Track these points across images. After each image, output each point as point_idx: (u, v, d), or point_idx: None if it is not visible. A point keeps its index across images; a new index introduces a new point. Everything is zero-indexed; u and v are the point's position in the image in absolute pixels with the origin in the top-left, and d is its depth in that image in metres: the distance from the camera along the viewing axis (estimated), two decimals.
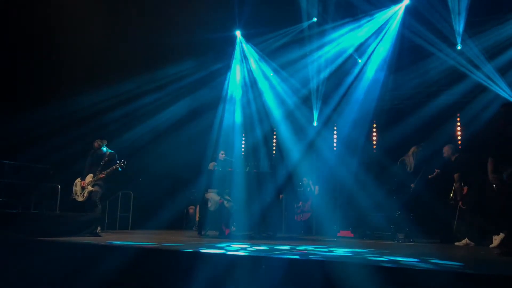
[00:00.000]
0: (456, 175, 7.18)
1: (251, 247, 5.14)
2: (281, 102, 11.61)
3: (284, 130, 11.58)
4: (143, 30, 9.88)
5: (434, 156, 7.77)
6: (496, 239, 6.45)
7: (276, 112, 11.62)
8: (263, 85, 11.95)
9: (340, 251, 4.97)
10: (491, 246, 6.47)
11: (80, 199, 7.64)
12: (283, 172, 8.96)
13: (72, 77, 9.47)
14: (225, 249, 4.72)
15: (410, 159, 7.68)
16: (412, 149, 7.74)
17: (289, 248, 5.20)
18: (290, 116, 11.46)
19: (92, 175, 7.71)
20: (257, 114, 11.91)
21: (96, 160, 7.84)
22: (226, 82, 12.03)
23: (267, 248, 5.02)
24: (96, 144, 7.91)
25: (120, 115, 10.17)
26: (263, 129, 11.86)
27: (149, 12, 10.12)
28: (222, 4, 10.12)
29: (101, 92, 9.62)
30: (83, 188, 7.66)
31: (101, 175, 7.63)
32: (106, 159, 7.78)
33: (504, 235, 6.36)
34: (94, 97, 9.53)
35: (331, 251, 4.96)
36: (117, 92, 9.93)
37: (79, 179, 7.77)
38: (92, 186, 7.64)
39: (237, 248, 4.92)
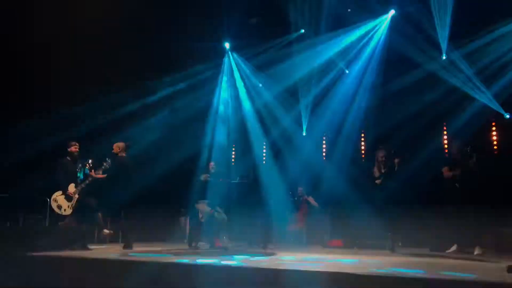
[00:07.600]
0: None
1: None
2: (269, 112, 11.63)
3: (272, 140, 11.62)
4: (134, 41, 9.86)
5: (424, 166, 7.84)
6: None
7: (264, 123, 11.66)
8: (251, 96, 11.98)
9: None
10: None
11: (68, 211, 6.95)
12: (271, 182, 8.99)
13: (60, 88, 9.40)
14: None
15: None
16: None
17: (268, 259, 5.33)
18: (279, 126, 11.49)
19: (73, 184, 7.12)
20: (246, 125, 11.91)
21: (72, 169, 7.23)
22: (216, 93, 12.04)
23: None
24: (73, 148, 7.28)
25: (108, 123, 10.07)
26: (252, 140, 11.84)
27: (136, 23, 10.08)
28: (212, 15, 10.12)
29: (89, 100, 9.55)
30: (69, 199, 7.02)
31: (94, 176, 7.13)
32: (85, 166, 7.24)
33: None
34: (81, 105, 9.46)
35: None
36: (105, 101, 9.87)
37: (57, 194, 7.09)
38: (79, 194, 7.09)
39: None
